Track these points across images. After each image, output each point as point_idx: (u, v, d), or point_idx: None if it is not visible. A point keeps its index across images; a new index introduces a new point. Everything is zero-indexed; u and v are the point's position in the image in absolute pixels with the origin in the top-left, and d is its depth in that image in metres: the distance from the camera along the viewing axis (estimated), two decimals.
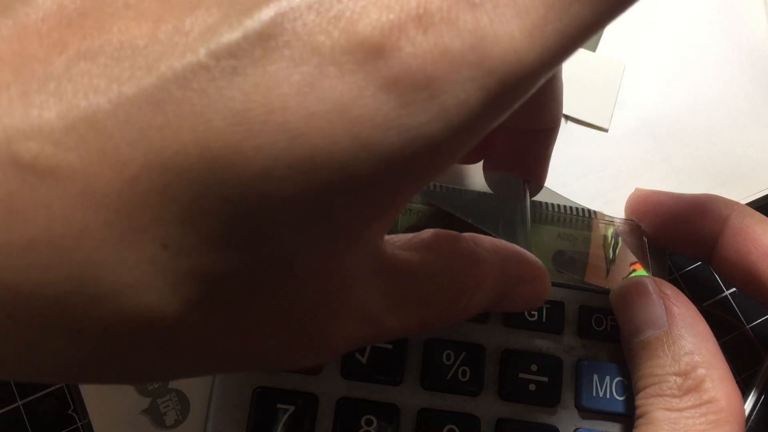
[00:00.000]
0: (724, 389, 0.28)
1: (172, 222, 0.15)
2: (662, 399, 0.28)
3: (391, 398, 0.31)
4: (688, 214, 0.32)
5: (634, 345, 0.30)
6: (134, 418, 0.32)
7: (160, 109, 0.14)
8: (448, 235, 0.25)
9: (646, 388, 0.29)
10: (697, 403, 0.27)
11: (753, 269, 0.30)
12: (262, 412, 0.30)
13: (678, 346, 0.29)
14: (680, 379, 0.28)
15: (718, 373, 0.28)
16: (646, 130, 0.39)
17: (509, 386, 0.32)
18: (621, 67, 0.40)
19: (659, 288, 0.30)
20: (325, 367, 0.31)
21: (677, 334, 0.29)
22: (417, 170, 0.17)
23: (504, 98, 0.16)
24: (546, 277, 0.28)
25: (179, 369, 0.19)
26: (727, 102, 0.40)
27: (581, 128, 0.39)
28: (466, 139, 0.17)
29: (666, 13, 0.41)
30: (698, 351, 0.28)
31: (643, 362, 0.29)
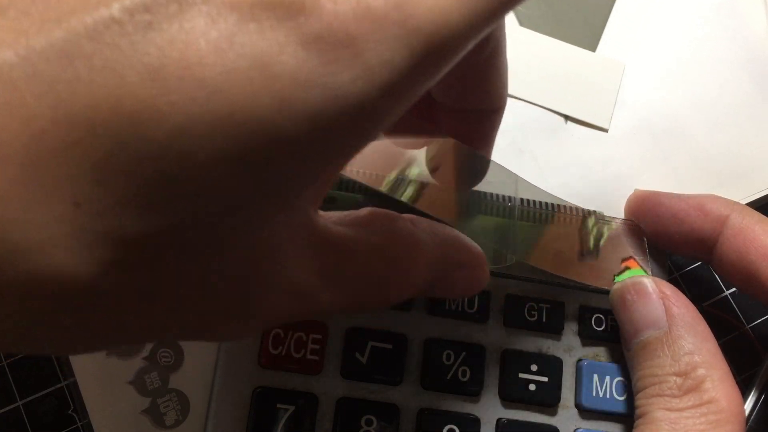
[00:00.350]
0: (725, 389, 0.28)
1: (84, 180, 0.14)
2: (662, 399, 0.28)
3: (391, 398, 0.31)
4: (687, 214, 0.32)
5: (634, 345, 0.30)
6: (134, 418, 0.32)
7: (70, 62, 0.14)
8: (385, 213, 0.24)
9: (645, 388, 0.29)
10: (698, 403, 0.27)
11: (753, 269, 0.30)
12: (262, 412, 0.30)
13: (678, 346, 0.29)
14: (680, 379, 0.28)
15: (719, 374, 0.28)
16: (646, 130, 0.39)
17: (509, 386, 0.32)
18: (621, 67, 0.40)
19: (659, 288, 0.30)
20: (324, 367, 0.31)
21: (677, 334, 0.29)
22: (343, 132, 0.16)
23: (430, 60, 0.16)
24: (484, 264, 0.28)
25: (101, 337, 0.18)
26: (726, 101, 0.40)
27: (581, 128, 0.39)
28: (393, 102, 0.16)
29: (666, 13, 0.41)
30: (698, 351, 0.28)
31: (643, 362, 0.29)
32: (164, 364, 0.33)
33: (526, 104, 0.39)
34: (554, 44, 0.40)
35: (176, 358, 0.33)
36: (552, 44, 0.40)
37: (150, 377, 0.33)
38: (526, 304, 0.33)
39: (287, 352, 0.31)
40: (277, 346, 0.31)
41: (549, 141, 0.38)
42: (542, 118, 0.39)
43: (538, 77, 0.39)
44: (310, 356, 0.31)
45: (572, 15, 0.41)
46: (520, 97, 0.39)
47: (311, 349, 0.31)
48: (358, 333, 0.31)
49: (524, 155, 0.38)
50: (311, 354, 0.31)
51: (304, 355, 0.31)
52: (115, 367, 0.33)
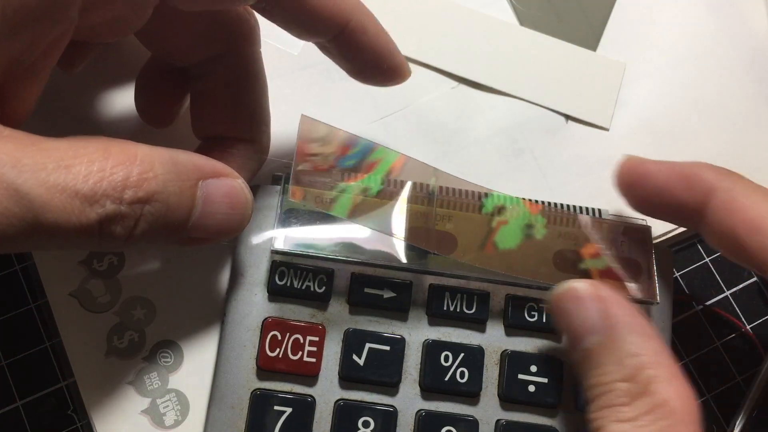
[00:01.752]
0: (675, 388, 0.26)
1: None
2: (612, 410, 0.26)
3: (389, 400, 0.31)
4: (674, 186, 0.31)
5: (578, 354, 0.29)
6: (134, 418, 0.33)
7: None
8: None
9: (595, 399, 0.27)
10: (649, 408, 0.26)
11: (740, 243, 0.29)
12: (260, 414, 0.30)
13: (620, 349, 0.27)
14: (628, 384, 0.26)
15: (666, 372, 0.26)
16: (647, 130, 0.39)
17: (508, 388, 0.32)
18: (621, 67, 0.40)
19: (593, 291, 0.29)
20: (322, 369, 0.31)
21: (618, 337, 0.27)
22: None
23: None
24: (241, 186, 0.28)
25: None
26: (727, 101, 0.40)
27: (582, 127, 0.39)
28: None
29: (666, 13, 0.41)
30: (642, 351, 0.27)
31: (589, 372, 0.28)
32: (164, 364, 0.33)
33: (527, 104, 0.39)
34: (555, 44, 0.40)
35: (176, 358, 0.33)
36: (553, 44, 0.40)
37: (150, 377, 0.33)
38: (525, 305, 0.33)
39: (285, 355, 0.31)
40: (275, 349, 0.31)
41: (549, 140, 0.38)
42: (543, 118, 0.39)
43: (538, 77, 0.39)
44: (308, 358, 0.31)
45: (573, 15, 0.40)
46: (521, 96, 0.39)
47: (309, 352, 0.31)
48: (356, 335, 0.31)
49: (524, 155, 0.38)
50: (309, 356, 0.31)
51: (301, 357, 0.31)
52: (114, 368, 0.33)
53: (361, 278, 0.32)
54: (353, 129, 0.37)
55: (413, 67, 0.39)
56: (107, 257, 0.34)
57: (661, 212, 0.32)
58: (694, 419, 0.26)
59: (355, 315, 0.32)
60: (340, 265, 0.32)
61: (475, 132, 0.38)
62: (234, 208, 0.28)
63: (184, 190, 0.26)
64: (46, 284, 0.34)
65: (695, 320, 0.38)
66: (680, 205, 0.31)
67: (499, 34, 0.40)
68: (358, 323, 0.32)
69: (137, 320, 0.34)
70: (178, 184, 0.26)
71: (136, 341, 0.33)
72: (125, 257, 0.34)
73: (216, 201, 0.27)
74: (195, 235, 0.27)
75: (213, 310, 0.34)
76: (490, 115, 0.39)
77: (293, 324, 0.31)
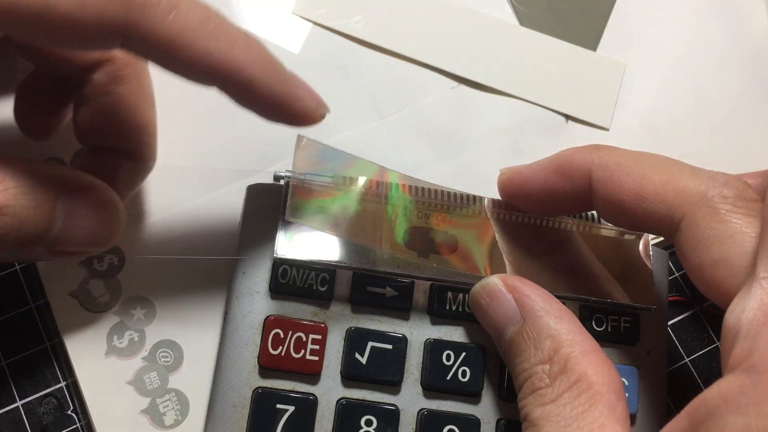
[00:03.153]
0: (591, 363, 0.27)
1: None
2: (536, 395, 0.27)
3: (392, 399, 0.31)
4: (553, 183, 0.31)
5: (503, 347, 0.30)
6: (134, 418, 0.33)
7: None
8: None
9: (521, 387, 0.28)
10: (568, 385, 0.26)
11: (629, 214, 0.28)
12: (261, 413, 0.30)
13: (537, 333, 0.28)
14: (547, 366, 0.27)
15: (581, 348, 0.27)
16: (647, 129, 0.39)
17: (510, 386, 0.32)
18: (621, 67, 0.40)
19: (507, 283, 0.30)
20: (324, 368, 0.31)
21: (533, 322, 0.28)
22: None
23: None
24: (109, 199, 0.28)
25: None
26: (727, 102, 0.40)
27: (582, 127, 0.39)
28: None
29: (666, 13, 0.41)
30: (557, 332, 0.28)
31: (513, 361, 0.29)
32: (164, 364, 0.33)
33: (527, 104, 0.39)
34: (555, 44, 0.40)
35: (176, 358, 0.33)
36: (553, 44, 0.40)
37: (149, 377, 0.33)
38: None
39: (287, 353, 0.31)
40: (277, 347, 0.31)
41: (550, 140, 0.38)
42: (543, 118, 0.39)
43: (538, 77, 0.39)
44: (310, 357, 0.31)
45: (573, 15, 0.41)
46: (521, 96, 0.39)
47: (311, 350, 0.31)
48: (359, 334, 0.31)
49: (524, 155, 0.38)
50: (311, 354, 0.31)
51: (303, 355, 0.31)
52: (114, 367, 0.33)
53: (364, 277, 0.32)
54: (353, 129, 0.38)
55: (413, 66, 0.39)
56: (107, 257, 0.34)
57: (556, 210, 0.32)
58: (613, 389, 0.26)
59: (357, 313, 0.32)
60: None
61: (475, 132, 0.38)
62: (101, 222, 0.28)
63: (41, 204, 0.26)
64: (46, 284, 0.34)
65: (695, 320, 0.38)
66: (568, 197, 0.30)
67: (499, 34, 0.40)
68: (361, 322, 0.32)
69: (137, 320, 0.34)
70: (34, 197, 0.26)
71: (136, 341, 0.33)
72: (125, 257, 0.34)
73: (80, 214, 0.28)
74: (58, 248, 0.28)
75: (213, 310, 0.34)
76: (490, 115, 0.39)
77: (295, 322, 0.31)
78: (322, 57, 0.39)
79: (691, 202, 0.26)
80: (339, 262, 0.31)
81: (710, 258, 0.25)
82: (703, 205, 0.26)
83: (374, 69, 0.39)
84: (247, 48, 0.27)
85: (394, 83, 0.39)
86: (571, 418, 0.26)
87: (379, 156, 0.37)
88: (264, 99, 0.28)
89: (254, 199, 0.33)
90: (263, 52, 0.27)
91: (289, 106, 0.28)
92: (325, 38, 0.39)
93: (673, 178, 0.27)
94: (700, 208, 0.26)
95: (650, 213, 0.27)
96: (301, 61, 0.38)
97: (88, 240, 0.28)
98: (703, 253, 0.25)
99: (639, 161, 0.28)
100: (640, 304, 0.32)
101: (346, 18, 0.39)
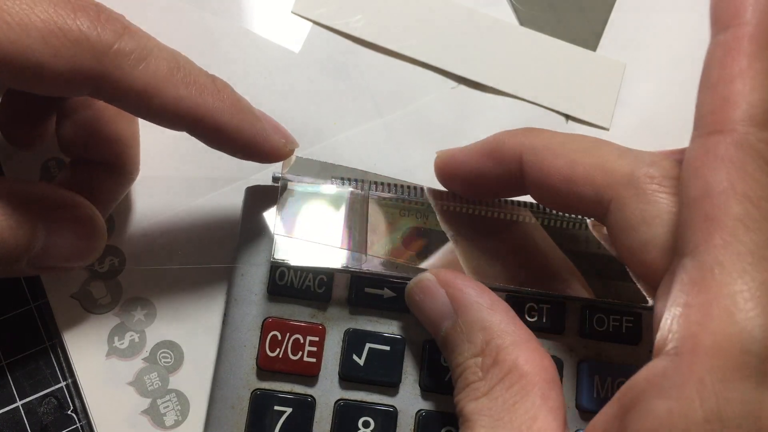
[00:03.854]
0: (522, 352, 0.26)
1: None
2: (469, 389, 0.27)
3: (389, 400, 0.31)
4: (486, 165, 0.30)
5: (440, 343, 0.29)
6: (134, 419, 0.33)
7: None
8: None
9: (456, 382, 0.28)
10: (500, 376, 0.26)
11: (561, 198, 0.28)
12: (260, 414, 0.30)
13: (469, 327, 0.28)
14: (479, 359, 0.27)
15: (512, 338, 0.27)
16: (647, 130, 0.39)
17: None
18: (621, 67, 0.40)
19: (439, 278, 0.29)
20: (322, 369, 0.31)
21: (465, 316, 0.28)
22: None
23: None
24: (89, 215, 0.29)
25: None
26: None
27: (583, 127, 0.39)
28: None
29: (666, 13, 0.41)
30: (489, 324, 0.27)
31: (449, 357, 0.29)
32: (164, 364, 0.33)
33: (527, 104, 0.39)
34: (555, 44, 0.40)
35: (176, 359, 0.33)
36: (553, 44, 0.40)
37: (150, 378, 0.33)
38: (526, 304, 0.33)
39: (285, 355, 0.31)
40: (275, 349, 0.31)
41: None
42: (543, 118, 0.39)
43: (539, 77, 0.39)
44: (308, 358, 0.31)
45: (573, 15, 0.40)
46: (521, 96, 0.39)
47: (309, 352, 0.31)
48: (356, 335, 0.31)
49: None
50: (309, 356, 0.31)
51: (301, 357, 0.31)
52: (115, 368, 0.33)
53: (361, 279, 0.32)
54: (353, 129, 0.38)
55: (413, 67, 0.39)
56: (108, 258, 0.34)
57: (492, 193, 0.32)
58: (545, 378, 0.26)
59: (355, 315, 0.32)
60: None
61: (475, 132, 0.38)
62: (81, 238, 0.29)
63: (22, 224, 0.27)
64: (47, 286, 0.34)
65: None
66: (501, 181, 0.30)
67: (499, 34, 0.40)
68: (359, 323, 0.32)
69: (138, 321, 0.34)
70: (15, 218, 0.27)
71: (136, 342, 0.33)
72: (126, 259, 0.34)
73: (61, 232, 0.29)
74: (41, 265, 0.29)
75: (213, 311, 0.34)
76: (490, 115, 0.39)
77: (293, 324, 0.31)
78: (322, 56, 0.38)
79: (618, 183, 0.26)
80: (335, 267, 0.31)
81: (639, 240, 0.25)
82: (630, 186, 0.25)
83: (374, 69, 0.39)
84: (215, 94, 0.28)
85: (394, 83, 0.39)
86: (504, 410, 0.25)
87: (379, 156, 0.37)
88: (232, 141, 0.29)
89: (253, 200, 0.33)
90: (231, 96, 0.29)
91: (258, 147, 0.30)
92: (325, 38, 0.39)
93: (601, 161, 0.27)
94: (627, 189, 0.25)
95: (580, 196, 0.27)
96: (301, 61, 0.38)
97: (70, 256, 0.30)
98: (631, 235, 0.25)
99: (568, 144, 0.28)
100: (636, 303, 0.32)
101: (347, 17, 0.39)
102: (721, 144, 0.22)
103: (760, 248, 0.21)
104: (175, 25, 0.38)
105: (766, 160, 0.21)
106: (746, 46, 0.23)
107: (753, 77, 0.22)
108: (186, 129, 0.28)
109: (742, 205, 0.21)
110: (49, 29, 0.24)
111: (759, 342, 0.20)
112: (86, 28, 0.25)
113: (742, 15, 0.23)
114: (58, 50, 0.24)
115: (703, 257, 0.21)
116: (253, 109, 0.30)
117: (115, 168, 0.32)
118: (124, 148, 0.32)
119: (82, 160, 0.32)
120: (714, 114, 0.22)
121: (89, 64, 0.25)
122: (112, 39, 0.25)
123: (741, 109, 0.22)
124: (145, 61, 0.26)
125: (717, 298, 0.21)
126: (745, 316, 0.20)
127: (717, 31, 0.24)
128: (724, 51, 0.23)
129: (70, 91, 0.26)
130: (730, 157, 0.22)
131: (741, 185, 0.21)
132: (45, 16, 0.24)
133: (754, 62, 0.22)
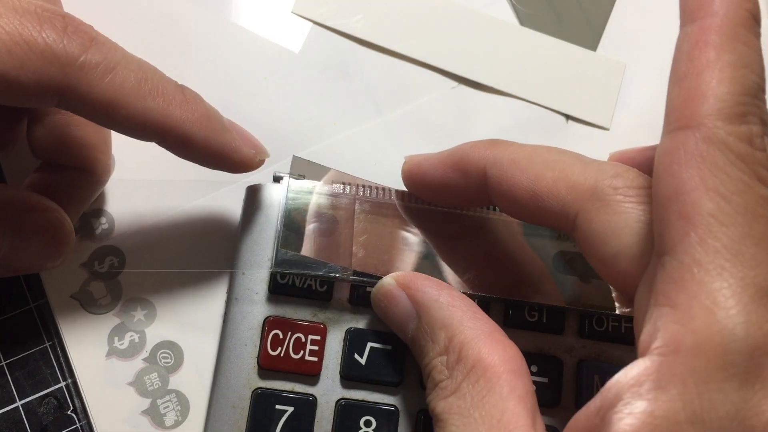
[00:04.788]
0: (485, 345, 0.26)
1: None
2: (438, 389, 0.27)
3: (391, 400, 0.31)
4: (451, 176, 0.30)
5: (409, 347, 0.29)
6: (134, 419, 0.33)
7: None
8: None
9: (426, 383, 0.28)
10: (465, 373, 0.26)
11: (527, 212, 0.28)
12: (261, 414, 0.30)
13: (431, 326, 0.28)
14: (444, 357, 0.27)
15: (473, 333, 0.27)
16: (647, 130, 0.39)
17: None
18: (621, 67, 0.40)
19: (399, 281, 0.30)
20: (324, 369, 0.31)
21: (427, 316, 0.28)
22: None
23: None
24: (57, 219, 0.29)
25: None
26: None
27: (582, 127, 0.39)
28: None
29: (666, 13, 0.41)
30: (450, 320, 0.27)
31: (417, 358, 0.29)
32: (164, 365, 0.33)
33: (527, 104, 0.39)
34: (555, 44, 0.40)
35: (176, 359, 0.33)
36: (553, 44, 0.40)
37: (150, 378, 0.33)
38: (526, 304, 0.33)
39: (286, 354, 0.31)
40: (276, 348, 0.31)
41: (550, 140, 0.38)
42: (543, 118, 0.39)
43: (538, 77, 0.39)
44: (309, 357, 0.31)
45: (573, 15, 0.40)
46: (521, 96, 0.39)
47: (310, 351, 0.31)
48: (358, 334, 0.31)
49: None
50: (310, 355, 0.31)
51: (303, 356, 0.31)
52: (115, 368, 0.33)
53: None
54: (353, 128, 0.38)
55: (413, 66, 0.39)
56: (108, 259, 0.34)
57: (458, 202, 0.32)
58: (510, 368, 0.26)
59: (356, 314, 0.32)
60: None
61: (475, 132, 0.38)
62: (48, 241, 0.30)
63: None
64: (47, 286, 0.34)
65: None
66: (467, 192, 0.30)
67: (499, 34, 0.40)
68: (360, 322, 0.32)
69: (138, 321, 0.34)
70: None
71: (136, 342, 0.33)
72: (126, 259, 0.34)
73: (28, 235, 0.29)
74: (8, 267, 0.29)
75: (213, 311, 0.34)
76: (490, 115, 0.39)
77: (295, 323, 0.31)
78: (322, 56, 0.38)
79: (582, 197, 0.26)
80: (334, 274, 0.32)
81: (610, 251, 0.25)
82: (595, 199, 0.25)
83: (374, 69, 0.39)
84: (183, 105, 0.28)
85: (394, 83, 0.39)
86: (473, 406, 0.25)
87: (379, 156, 0.37)
88: (201, 152, 0.29)
89: (253, 200, 0.33)
90: (200, 107, 0.28)
91: (227, 157, 0.29)
92: (325, 37, 0.39)
93: (564, 174, 0.27)
94: (592, 202, 0.25)
95: (545, 210, 0.27)
96: (301, 61, 0.38)
97: (37, 260, 0.30)
98: (601, 247, 0.25)
99: (532, 158, 0.28)
100: (607, 309, 0.32)
101: (347, 17, 0.39)
102: (690, 139, 0.22)
103: (735, 243, 0.21)
104: (174, 25, 0.38)
105: (736, 153, 0.21)
106: (714, 38, 0.23)
107: (721, 69, 0.22)
108: (155, 140, 0.28)
109: (713, 202, 0.21)
110: (14, 41, 0.24)
111: (741, 341, 0.20)
112: (52, 40, 0.25)
113: (710, 6, 0.23)
114: (24, 62, 0.24)
115: (681, 256, 0.21)
116: (223, 120, 0.30)
117: (86, 171, 0.32)
118: (94, 152, 0.32)
119: (53, 163, 0.32)
120: (682, 108, 0.22)
121: (55, 76, 0.25)
122: (78, 51, 0.25)
123: (709, 103, 0.22)
124: (112, 73, 0.26)
125: (697, 297, 0.21)
126: (726, 314, 0.20)
127: (685, 23, 0.24)
128: (692, 43, 0.23)
129: (37, 103, 0.26)
130: (700, 153, 0.22)
131: (712, 180, 0.21)
132: (10, 28, 0.24)
133: (722, 54, 0.22)
